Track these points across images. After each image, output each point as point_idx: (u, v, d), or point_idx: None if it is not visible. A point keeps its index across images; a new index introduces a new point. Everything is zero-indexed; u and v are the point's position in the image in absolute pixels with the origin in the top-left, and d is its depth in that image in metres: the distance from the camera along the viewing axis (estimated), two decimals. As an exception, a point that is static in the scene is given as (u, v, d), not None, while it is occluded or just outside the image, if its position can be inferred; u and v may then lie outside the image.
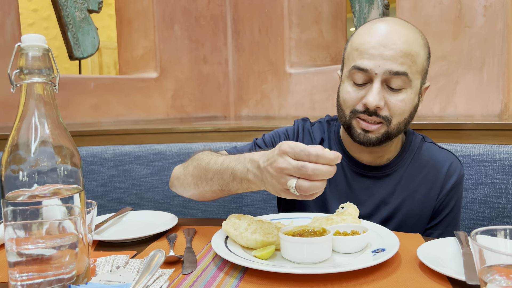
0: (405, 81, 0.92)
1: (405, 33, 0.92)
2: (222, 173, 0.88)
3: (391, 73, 0.90)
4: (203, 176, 0.94)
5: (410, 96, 0.94)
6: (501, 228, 0.54)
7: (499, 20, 1.46)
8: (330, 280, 0.69)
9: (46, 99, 0.63)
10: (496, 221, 1.26)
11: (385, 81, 0.92)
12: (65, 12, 2.37)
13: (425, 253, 0.75)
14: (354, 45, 0.96)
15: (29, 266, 0.58)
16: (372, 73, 0.92)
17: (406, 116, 0.96)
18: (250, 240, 0.80)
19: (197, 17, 2.60)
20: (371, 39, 0.92)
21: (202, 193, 0.98)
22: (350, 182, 1.07)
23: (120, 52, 2.73)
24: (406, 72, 0.91)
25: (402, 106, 0.93)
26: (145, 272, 0.57)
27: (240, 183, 0.84)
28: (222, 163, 0.89)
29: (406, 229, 1.04)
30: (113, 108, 2.32)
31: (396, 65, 0.90)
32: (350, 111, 0.97)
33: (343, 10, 2.55)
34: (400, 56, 0.90)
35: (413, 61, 0.92)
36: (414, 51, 0.92)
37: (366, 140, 0.96)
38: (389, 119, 0.94)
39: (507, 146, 1.24)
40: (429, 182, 1.05)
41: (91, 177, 1.68)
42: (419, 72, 0.95)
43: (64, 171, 0.63)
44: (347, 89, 0.97)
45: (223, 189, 0.90)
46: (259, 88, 2.60)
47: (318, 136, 1.12)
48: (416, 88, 0.96)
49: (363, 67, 0.92)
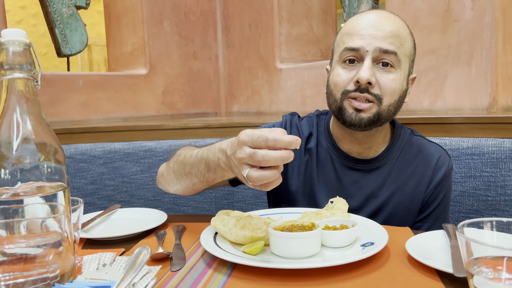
0: (395, 61, 0.95)
1: (393, 19, 0.98)
2: (197, 165, 0.90)
3: (381, 50, 0.94)
4: (181, 171, 0.96)
5: (400, 78, 0.97)
6: (488, 220, 0.54)
7: (487, 14, 1.47)
8: (319, 274, 0.69)
9: (28, 95, 0.62)
10: (485, 214, 1.27)
11: (375, 60, 0.95)
12: (52, 8, 2.34)
13: (413, 246, 0.75)
14: (345, 31, 1.00)
15: (12, 265, 0.57)
16: (363, 51, 0.94)
17: (396, 98, 0.98)
18: (239, 236, 0.79)
19: (186, 12, 2.58)
20: (361, 23, 0.97)
21: (184, 188, 1.00)
22: (339, 175, 1.07)
23: (109, 49, 2.70)
24: (395, 51, 0.94)
25: (393, 85, 0.96)
26: (130, 269, 0.56)
27: (214, 172, 0.86)
28: (196, 155, 0.91)
29: (395, 221, 1.05)
30: (102, 105, 2.30)
31: (386, 43, 0.94)
32: (342, 92, 0.98)
33: (333, 5, 2.55)
34: (390, 36, 0.94)
35: (401, 43, 0.96)
36: (402, 34, 0.96)
37: (358, 120, 0.96)
38: (380, 98, 0.96)
39: (496, 139, 1.24)
40: (418, 175, 1.06)
41: (80, 175, 1.67)
42: (407, 55, 0.98)
43: (47, 168, 0.61)
44: (338, 72, 0.99)
45: (202, 181, 0.92)
46: (250, 84, 2.59)
47: (306, 130, 1.13)
48: (404, 72, 0.98)
49: (355, 46, 0.95)
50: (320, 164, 1.09)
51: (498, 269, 0.48)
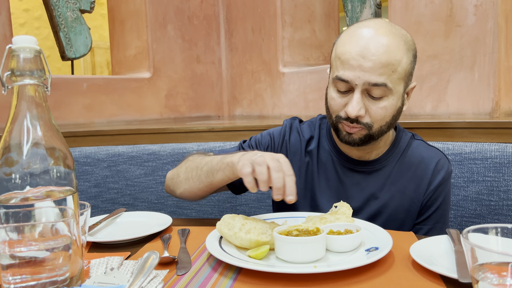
0: (385, 90, 0.94)
1: (386, 43, 0.93)
2: (212, 165, 1.00)
3: (370, 84, 0.93)
4: (194, 174, 1.04)
5: (392, 102, 0.97)
6: (493, 226, 0.55)
7: (489, 19, 1.48)
8: (324, 279, 0.69)
9: (38, 101, 0.63)
10: (487, 219, 1.27)
11: (366, 90, 0.95)
12: (57, 12, 2.36)
13: (417, 251, 0.75)
14: (337, 52, 0.99)
15: (22, 268, 0.58)
16: (352, 83, 0.95)
17: (388, 120, 0.99)
18: (244, 240, 0.80)
19: (190, 16, 2.59)
20: (351, 50, 0.94)
21: (191, 190, 1.07)
22: (340, 177, 1.10)
23: (112, 52, 2.71)
24: (385, 82, 0.93)
25: (383, 113, 0.97)
26: (139, 274, 0.57)
27: (223, 170, 0.95)
28: (212, 159, 1.01)
29: (395, 223, 1.07)
30: (106, 109, 2.31)
31: (375, 76, 0.92)
32: (335, 116, 1.01)
33: (335, 10, 2.56)
34: (379, 67, 0.92)
35: (393, 70, 0.93)
36: (394, 60, 0.92)
37: (351, 140, 1.01)
38: (370, 126, 0.98)
39: (498, 144, 1.25)
40: (418, 178, 1.08)
41: (84, 178, 1.68)
42: (401, 78, 0.96)
43: (57, 173, 0.62)
44: (332, 95, 1.01)
45: (209, 178, 1.00)
46: (253, 87, 2.60)
47: (307, 133, 1.16)
48: (398, 94, 0.98)
49: (344, 78, 0.95)
50: (322, 165, 1.12)
51: (503, 275, 0.48)
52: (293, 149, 1.14)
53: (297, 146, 1.14)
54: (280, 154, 0.88)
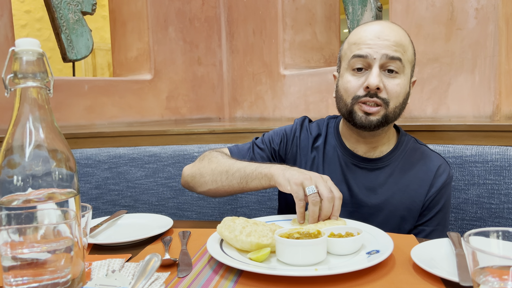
0: (399, 67, 1.03)
1: (396, 29, 1.06)
2: (245, 173, 1.04)
3: (387, 57, 1.02)
4: (224, 178, 1.08)
5: (404, 82, 1.05)
6: (494, 230, 0.55)
7: (490, 23, 1.48)
8: (325, 282, 0.69)
9: (40, 103, 0.63)
10: (488, 222, 1.27)
11: (382, 67, 1.03)
12: (59, 14, 2.36)
13: (418, 254, 0.75)
14: (352, 41, 1.08)
15: (24, 270, 0.58)
16: (371, 58, 1.02)
17: (401, 100, 1.06)
18: (245, 243, 0.80)
19: (191, 18, 2.60)
20: (367, 34, 1.05)
21: (217, 191, 1.12)
22: (344, 171, 1.14)
23: (114, 54, 2.72)
24: (400, 57, 1.02)
25: (398, 89, 1.04)
26: (140, 276, 0.57)
27: (260, 180, 1.00)
28: (244, 166, 1.05)
29: (395, 220, 1.10)
30: (107, 110, 2.31)
31: (391, 51, 1.02)
32: (352, 98, 1.06)
33: (336, 12, 2.56)
34: (394, 45, 1.02)
35: (404, 51, 1.04)
36: (404, 43, 1.05)
37: (368, 122, 1.05)
38: (387, 102, 1.04)
39: (499, 147, 1.25)
40: (419, 179, 1.11)
41: (85, 180, 1.68)
42: (409, 61, 1.06)
43: (59, 175, 0.62)
44: (348, 79, 1.07)
45: (241, 184, 1.05)
46: (254, 89, 2.60)
47: (315, 131, 1.21)
48: (407, 76, 1.07)
49: (363, 53, 1.03)
50: (327, 160, 1.17)
51: (504, 278, 0.48)
52: (302, 145, 1.20)
53: (306, 143, 1.20)
54: (325, 175, 0.96)
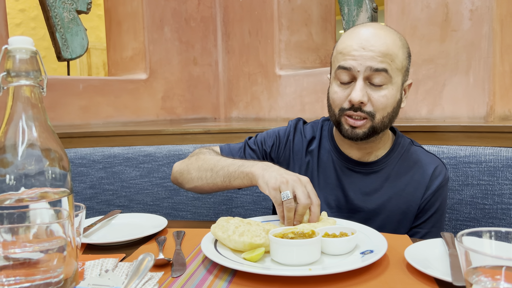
0: (386, 77, 0.99)
1: (383, 36, 1.00)
2: (228, 171, 1.02)
3: (372, 69, 0.98)
4: (209, 175, 1.07)
5: (392, 92, 1.01)
6: (486, 230, 0.55)
7: (485, 24, 1.49)
8: (319, 281, 0.69)
9: (33, 102, 0.62)
10: (482, 222, 1.28)
11: (367, 78, 1.00)
12: (53, 12, 2.35)
13: (412, 254, 0.76)
14: (338, 49, 1.05)
15: (16, 270, 0.58)
16: (355, 71, 0.99)
17: (389, 110, 1.03)
18: (238, 242, 0.80)
19: (187, 18, 2.59)
20: (352, 43, 1.01)
21: (203, 188, 1.11)
22: (339, 176, 1.13)
23: (109, 54, 2.71)
24: (385, 68, 0.98)
25: (384, 101, 1.01)
26: (134, 276, 0.57)
27: (242, 179, 0.99)
28: (228, 165, 1.04)
29: (391, 224, 1.09)
30: (102, 110, 2.30)
31: (376, 62, 0.98)
32: (338, 109, 1.05)
33: (332, 13, 2.57)
34: (379, 56, 0.98)
35: (391, 60, 0.99)
36: (391, 51, 0.99)
37: (354, 135, 1.03)
38: (372, 114, 1.01)
39: (493, 148, 1.26)
40: (415, 182, 1.10)
41: (79, 179, 1.67)
42: (399, 69, 1.02)
43: (52, 174, 0.62)
44: (335, 89, 1.05)
45: (225, 183, 1.04)
46: (249, 90, 2.60)
47: (309, 134, 1.19)
48: (397, 85, 1.03)
49: (347, 66, 1.00)
50: (322, 164, 1.15)
51: (497, 278, 0.49)
52: (296, 149, 1.18)
53: (300, 146, 1.18)
54: (305, 177, 0.93)
